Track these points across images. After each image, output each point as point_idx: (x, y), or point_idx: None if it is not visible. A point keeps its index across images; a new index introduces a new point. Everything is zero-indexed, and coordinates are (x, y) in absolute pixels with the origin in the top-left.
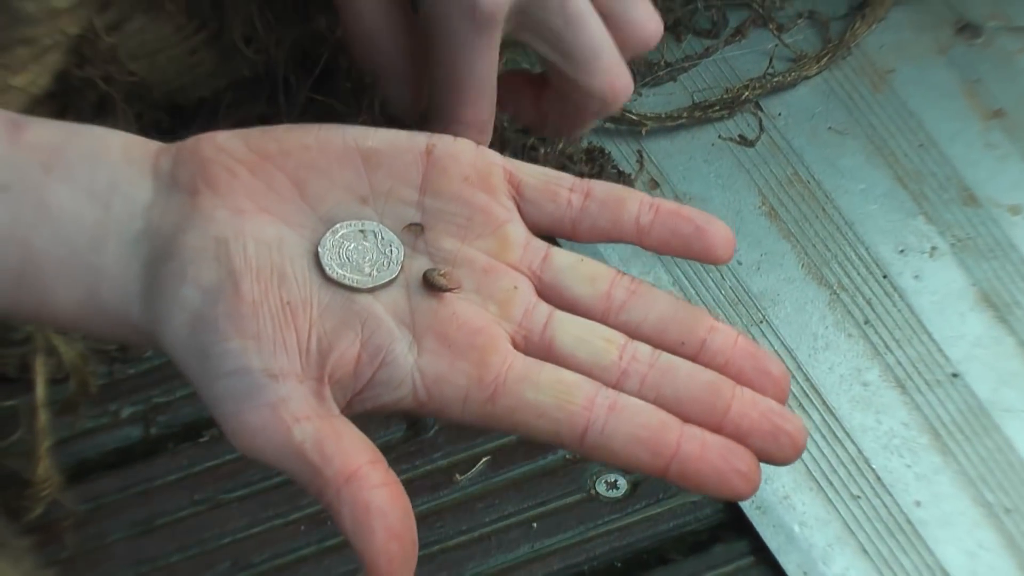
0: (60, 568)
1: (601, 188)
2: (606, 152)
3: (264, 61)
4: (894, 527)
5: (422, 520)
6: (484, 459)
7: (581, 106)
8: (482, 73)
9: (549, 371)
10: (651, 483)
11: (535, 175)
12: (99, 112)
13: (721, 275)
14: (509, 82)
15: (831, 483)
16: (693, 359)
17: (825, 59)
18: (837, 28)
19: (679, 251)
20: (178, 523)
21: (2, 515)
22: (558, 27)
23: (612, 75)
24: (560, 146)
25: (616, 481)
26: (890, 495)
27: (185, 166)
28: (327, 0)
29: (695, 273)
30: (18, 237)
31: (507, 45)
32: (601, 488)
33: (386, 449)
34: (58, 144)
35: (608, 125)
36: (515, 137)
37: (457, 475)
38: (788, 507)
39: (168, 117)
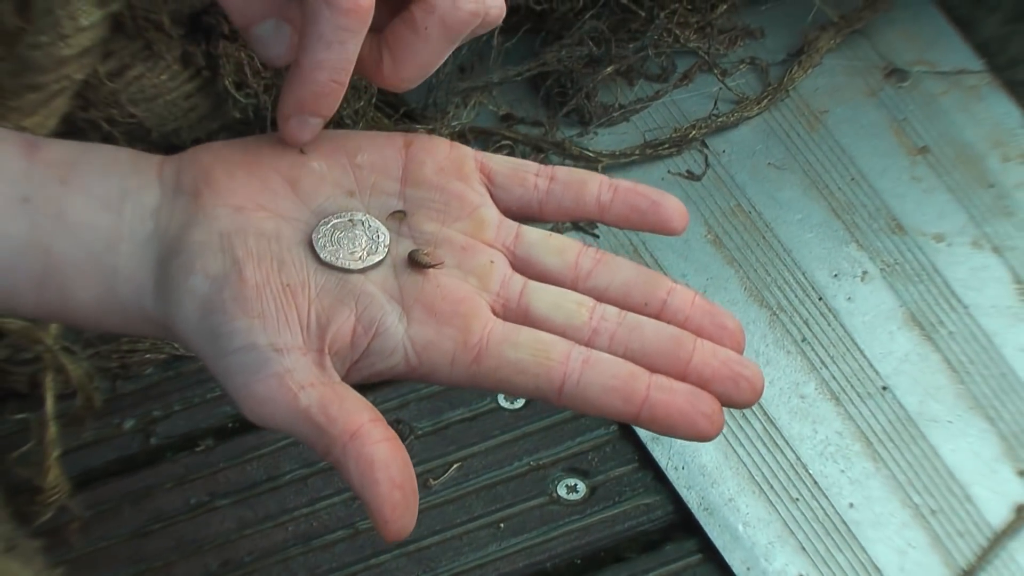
0: (67, 568)
1: (564, 172)
2: None
3: (254, 105)
4: (830, 527)
5: None
6: (455, 465)
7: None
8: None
9: (527, 332)
10: (608, 487)
11: (504, 163)
12: None
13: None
14: None
15: (772, 487)
16: (656, 317)
17: (765, 101)
18: (776, 73)
19: (637, 224)
20: (175, 525)
21: (15, 519)
22: None
23: None
24: None
25: (576, 485)
26: (826, 498)
27: (187, 171)
28: None
29: None
30: (39, 244)
31: (475, 90)
32: (562, 492)
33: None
34: (72, 160)
35: (567, 162)
36: None
37: (431, 480)
38: (733, 509)
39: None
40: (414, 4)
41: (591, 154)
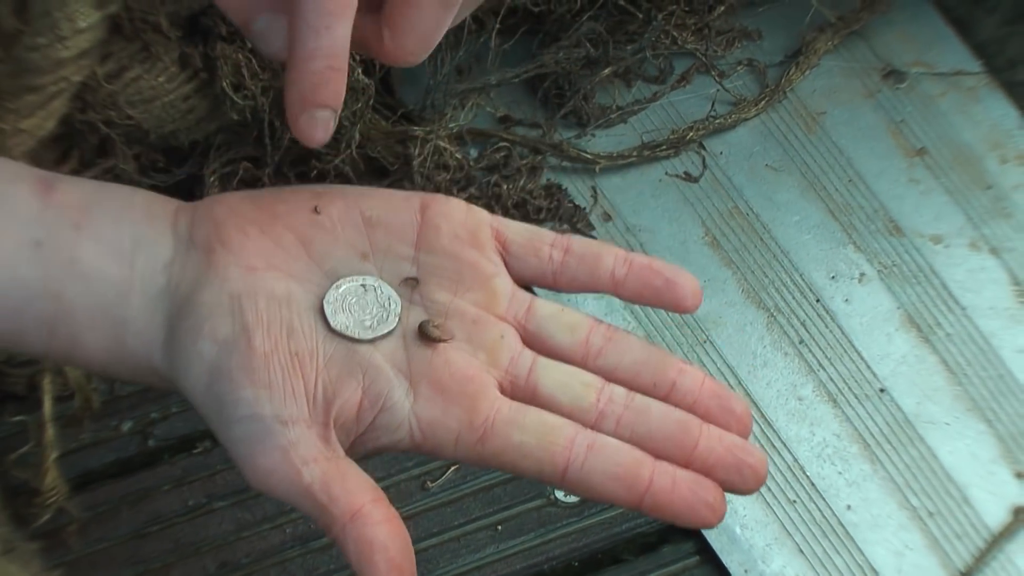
0: (66, 569)
1: (579, 243)
2: (563, 188)
3: (251, 107)
4: (827, 529)
5: None
6: (453, 467)
7: None
8: None
9: (533, 414)
10: None
11: (520, 232)
12: (100, 153)
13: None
14: None
15: (769, 489)
16: (664, 399)
17: (763, 103)
18: (774, 74)
19: (650, 301)
20: (173, 527)
21: (13, 521)
22: None
23: None
24: (522, 182)
25: None
26: (823, 500)
27: (202, 226)
28: None
29: None
30: (51, 290)
31: (473, 92)
32: (559, 494)
33: (364, 459)
34: (86, 204)
35: (564, 164)
36: (480, 175)
37: (429, 483)
38: (730, 511)
39: (164, 157)
40: None
41: (589, 156)
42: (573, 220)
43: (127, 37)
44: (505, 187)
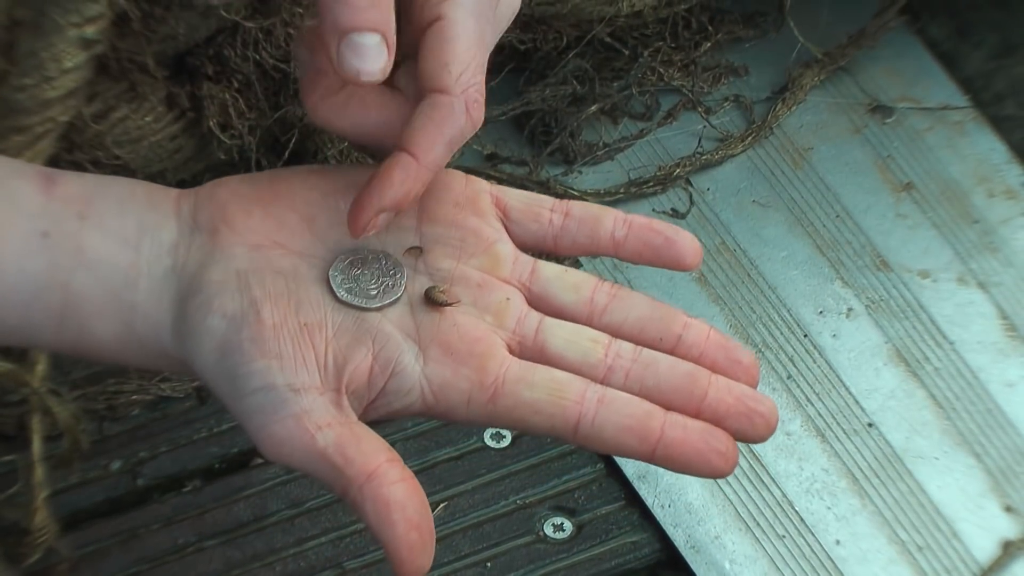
0: None
1: (579, 207)
2: None
3: (238, 146)
4: (816, 564)
5: (385, 562)
6: (442, 504)
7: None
8: None
9: (542, 371)
10: (595, 525)
11: (519, 198)
12: None
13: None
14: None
15: (759, 524)
16: (671, 353)
17: (749, 139)
18: (760, 110)
19: (651, 260)
20: (163, 566)
21: (3, 561)
22: None
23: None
24: None
25: (562, 524)
26: (812, 534)
27: (204, 208)
28: (294, 89)
29: None
30: (58, 280)
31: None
32: (548, 530)
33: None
34: (89, 194)
35: None
36: None
37: None
38: (720, 546)
39: None
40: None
41: (576, 193)
42: None
43: (114, 77)
44: None
